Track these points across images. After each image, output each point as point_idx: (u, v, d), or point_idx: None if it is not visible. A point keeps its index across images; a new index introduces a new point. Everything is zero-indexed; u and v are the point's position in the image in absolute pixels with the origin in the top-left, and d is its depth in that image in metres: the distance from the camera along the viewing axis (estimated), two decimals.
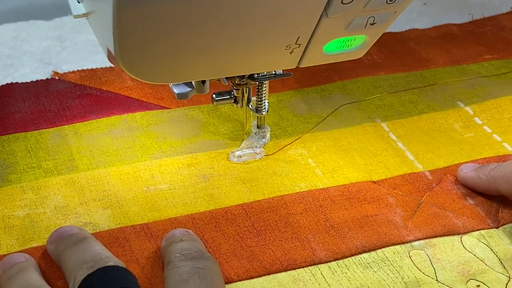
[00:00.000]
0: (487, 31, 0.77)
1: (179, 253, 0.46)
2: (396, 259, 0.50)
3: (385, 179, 0.57)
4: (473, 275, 0.49)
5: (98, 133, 0.59)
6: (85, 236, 0.48)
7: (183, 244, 0.47)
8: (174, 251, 0.47)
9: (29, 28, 0.73)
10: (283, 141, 0.60)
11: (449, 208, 0.54)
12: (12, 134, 0.59)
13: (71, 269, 0.45)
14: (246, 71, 0.52)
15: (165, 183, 0.55)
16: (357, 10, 0.46)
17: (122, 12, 0.40)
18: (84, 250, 0.46)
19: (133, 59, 0.45)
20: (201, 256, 0.46)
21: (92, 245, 0.47)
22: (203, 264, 0.45)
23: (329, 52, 0.50)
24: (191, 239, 0.48)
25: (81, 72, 0.67)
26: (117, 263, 0.45)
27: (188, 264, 0.45)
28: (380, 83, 0.68)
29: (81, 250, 0.46)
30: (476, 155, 0.59)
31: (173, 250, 0.47)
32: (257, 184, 0.56)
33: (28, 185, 0.54)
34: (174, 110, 0.63)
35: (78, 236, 0.47)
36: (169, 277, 0.45)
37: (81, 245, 0.46)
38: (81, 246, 0.46)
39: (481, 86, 0.68)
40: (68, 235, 0.48)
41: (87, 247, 0.46)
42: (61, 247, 0.47)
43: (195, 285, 0.44)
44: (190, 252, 0.46)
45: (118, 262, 0.45)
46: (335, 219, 0.53)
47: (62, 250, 0.47)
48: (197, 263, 0.45)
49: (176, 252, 0.46)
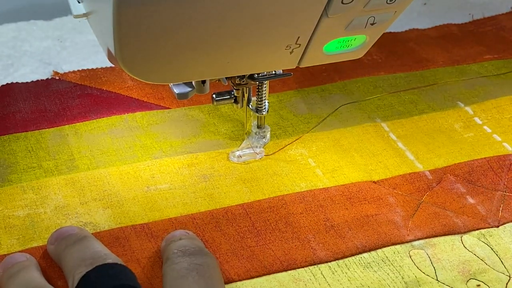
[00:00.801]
0: (487, 31, 0.77)
1: (177, 249, 0.46)
2: (397, 258, 0.50)
3: (385, 179, 0.57)
4: (474, 274, 0.49)
5: (99, 133, 0.60)
6: (85, 235, 0.48)
7: (182, 241, 0.47)
8: (173, 248, 0.47)
9: (29, 28, 0.73)
10: (283, 141, 0.60)
11: (449, 208, 0.54)
12: (12, 134, 0.59)
13: (70, 268, 0.45)
14: (246, 71, 0.52)
15: (165, 183, 0.55)
16: (357, 10, 0.46)
17: (122, 12, 0.40)
18: (84, 248, 0.46)
19: (133, 59, 0.45)
20: (199, 252, 0.46)
21: (91, 243, 0.47)
22: (201, 260, 0.45)
23: (329, 52, 0.50)
24: (190, 238, 0.48)
25: (82, 72, 0.67)
26: (116, 260, 0.45)
27: (186, 260, 0.45)
28: (380, 83, 0.68)
29: (80, 249, 0.46)
30: (476, 155, 0.59)
31: (172, 247, 0.47)
32: (257, 184, 0.56)
33: (28, 185, 0.54)
34: (174, 110, 0.63)
35: (78, 236, 0.47)
36: (167, 273, 0.45)
37: (80, 244, 0.46)
38: (80, 245, 0.46)
39: (481, 86, 0.68)
40: (68, 235, 0.48)
41: (87, 246, 0.46)
42: (61, 247, 0.47)
43: (194, 281, 0.43)
44: (188, 248, 0.46)
45: (117, 260, 0.45)
46: (335, 219, 0.53)
47: (63, 249, 0.47)
48: (195, 259, 0.45)
49: (174, 249, 0.46)
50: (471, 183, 0.57)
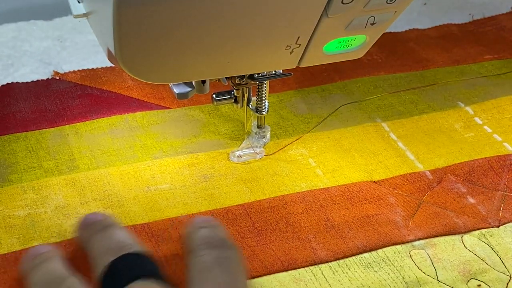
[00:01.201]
0: (487, 31, 0.77)
1: (201, 241, 0.46)
2: (397, 258, 0.50)
3: (385, 179, 0.57)
4: (474, 274, 0.49)
5: (99, 133, 0.60)
6: (110, 223, 0.48)
7: (206, 232, 0.47)
8: (197, 239, 0.47)
9: (29, 28, 0.73)
10: (284, 141, 0.60)
11: (450, 208, 0.54)
12: (12, 134, 0.59)
13: (97, 255, 0.46)
14: (246, 71, 0.52)
15: (165, 183, 0.55)
16: (357, 10, 0.46)
17: (122, 12, 0.40)
18: (110, 236, 0.47)
19: (133, 59, 0.45)
20: (223, 244, 0.46)
21: (117, 231, 0.47)
22: (226, 253, 0.46)
23: (329, 52, 0.50)
24: (213, 227, 0.48)
25: (82, 72, 0.67)
26: (141, 249, 0.46)
27: (210, 253, 0.45)
28: (381, 83, 0.68)
29: (107, 236, 0.47)
30: (477, 155, 0.59)
31: (196, 238, 0.47)
32: (257, 184, 0.56)
33: (28, 185, 0.54)
34: (174, 110, 0.63)
35: (104, 223, 0.48)
36: (192, 266, 0.45)
37: (106, 232, 0.47)
38: (106, 232, 0.47)
39: (481, 86, 0.68)
40: (93, 223, 0.48)
41: (113, 234, 0.47)
42: (87, 235, 0.48)
43: (218, 274, 0.44)
44: (212, 241, 0.46)
45: (142, 249, 0.46)
46: (336, 219, 0.53)
47: (89, 237, 0.48)
48: (219, 252, 0.45)
49: (199, 241, 0.46)
50: (472, 183, 0.57)
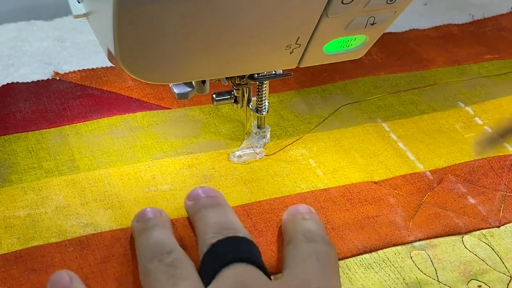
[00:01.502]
0: (487, 32, 0.77)
1: (302, 234, 0.48)
2: (397, 259, 0.50)
3: (386, 179, 0.57)
4: (475, 275, 0.49)
5: (99, 133, 0.59)
6: (221, 202, 0.50)
7: (307, 225, 0.49)
8: (298, 231, 0.48)
9: (29, 28, 0.73)
10: (284, 141, 0.60)
11: (450, 208, 0.54)
12: (13, 134, 0.59)
13: (203, 231, 0.47)
14: (246, 71, 0.52)
15: (166, 183, 0.55)
16: (357, 10, 0.46)
17: (122, 12, 0.40)
18: (219, 216, 0.48)
19: (133, 59, 0.45)
20: (321, 239, 0.48)
21: (226, 212, 0.49)
22: (322, 248, 0.47)
23: (329, 52, 0.50)
24: (314, 220, 0.50)
25: (82, 72, 0.67)
26: (246, 235, 0.47)
27: (308, 246, 0.47)
28: (381, 83, 0.68)
29: (215, 215, 0.48)
30: (477, 155, 0.59)
31: (297, 229, 0.49)
32: (258, 184, 0.56)
33: (29, 185, 0.54)
34: (174, 110, 0.63)
35: (215, 201, 0.49)
36: (289, 256, 0.47)
37: (216, 211, 0.48)
38: (216, 211, 0.48)
39: (481, 86, 0.68)
40: (205, 197, 0.50)
41: (222, 214, 0.48)
42: (197, 207, 0.49)
43: (312, 265, 0.45)
44: (312, 236, 0.48)
45: (247, 235, 0.47)
46: (336, 221, 0.53)
47: (198, 210, 0.49)
48: (317, 246, 0.47)
49: (300, 233, 0.48)
50: (472, 183, 0.57)
